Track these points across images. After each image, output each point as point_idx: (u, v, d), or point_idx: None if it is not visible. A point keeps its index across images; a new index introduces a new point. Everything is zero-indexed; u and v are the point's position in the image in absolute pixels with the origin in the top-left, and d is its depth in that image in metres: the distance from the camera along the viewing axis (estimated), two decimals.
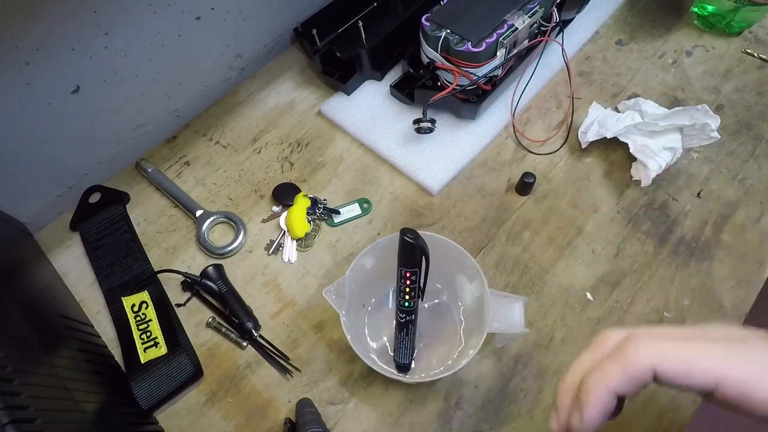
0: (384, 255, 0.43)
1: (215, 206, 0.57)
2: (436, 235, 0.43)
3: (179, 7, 0.53)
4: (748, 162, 0.55)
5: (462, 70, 0.53)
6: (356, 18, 0.61)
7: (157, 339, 0.47)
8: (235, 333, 0.49)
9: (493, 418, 0.44)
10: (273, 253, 0.53)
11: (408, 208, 0.55)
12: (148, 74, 0.55)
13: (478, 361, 0.46)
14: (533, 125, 0.60)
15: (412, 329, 0.41)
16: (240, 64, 0.65)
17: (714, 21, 0.64)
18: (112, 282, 0.52)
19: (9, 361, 0.32)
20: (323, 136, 0.61)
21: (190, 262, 0.53)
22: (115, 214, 0.55)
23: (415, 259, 0.38)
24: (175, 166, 0.60)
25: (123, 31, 0.50)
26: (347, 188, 0.57)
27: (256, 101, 0.64)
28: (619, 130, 0.54)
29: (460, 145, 0.58)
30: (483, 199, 0.55)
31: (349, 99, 0.62)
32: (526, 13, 0.53)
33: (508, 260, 0.51)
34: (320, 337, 0.49)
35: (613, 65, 0.64)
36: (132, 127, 0.58)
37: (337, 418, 0.45)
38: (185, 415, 0.46)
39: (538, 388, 0.45)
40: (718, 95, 0.60)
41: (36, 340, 0.37)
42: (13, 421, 0.28)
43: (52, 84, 0.48)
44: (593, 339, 0.28)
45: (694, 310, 0.48)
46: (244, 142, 0.61)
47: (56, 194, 0.56)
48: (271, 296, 0.51)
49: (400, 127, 0.59)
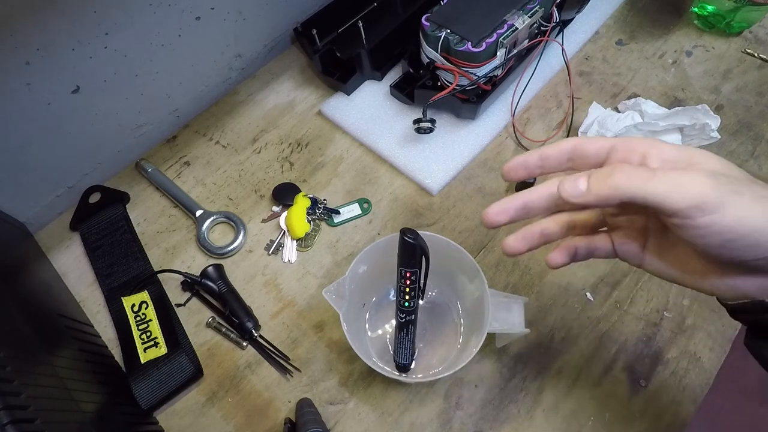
0: (384, 255, 0.43)
1: (215, 206, 0.57)
2: (436, 235, 0.43)
3: (179, 7, 0.53)
4: (748, 162, 0.55)
5: (462, 70, 0.53)
6: (356, 18, 0.61)
7: (157, 339, 0.47)
8: (235, 333, 0.49)
9: (493, 418, 0.44)
10: (273, 253, 0.53)
11: (408, 208, 0.55)
12: (148, 74, 0.55)
13: (478, 361, 0.46)
14: (533, 125, 0.60)
15: (412, 329, 0.41)
16: (240, 64, 0.65)
17: (714, 21, 0.64)
18: (112, 282, 0.52)
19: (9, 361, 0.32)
20: (323, 136, 0.61)
21: (190, 262, 0.53)
22: (115, 214, 0.55)
23: (415, 259, 0.38)
24: (175, 166, 0.60)
25: (123, 31, 0.50)
26: (347, 188, 0.57)
27: (256, 101, 0.64)
28: (619, 130, 0.54)
29: (460, 145, 0.58)
30: (483, 199, 0.55)
31: (349, 99, 0.62)
32: (526, 13, 0.53)
33: (508, 260, 0.51)
34: (320, 337, 0.49)
35: (613, 65, 0.64)
36: (132, 127, 0.58)
37: (337, 418, 0.45)
38: (185, 415, 0.46)
39: (538, 388, 0.45)
40: (718, 95, 0.60)
41: (36, 340, 0.37)
42: (13, 421, 0.28)
43: (52, 84, 0.48)
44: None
45: (695, 310, 0.48)
46: (244, 142, 0.61)
47: (56, 194, 0.56)
48: (271, 296, 0.51)
49: (400, 127, 0.59)
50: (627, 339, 0.47)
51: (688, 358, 0.45)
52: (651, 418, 0.43)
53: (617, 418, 0.43)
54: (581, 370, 0.46)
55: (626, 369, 0.45)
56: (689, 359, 0.45)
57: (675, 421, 0.43)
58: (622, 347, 0.46)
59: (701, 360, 0.45)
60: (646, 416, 0.43)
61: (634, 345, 0.46)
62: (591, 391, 0.45)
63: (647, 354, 0.46)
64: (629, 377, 0.45)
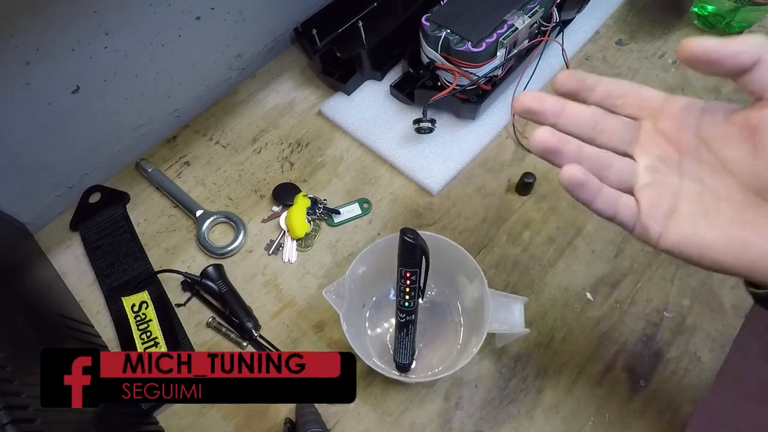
0: (384, 255, 0.43)
1: (215, 206, 0.57)
2: (436, 235, 0.43)
3: (179, 7, 0.53)
4: None
5: (462, 70, 0.53)
6: (356, 18, 0.61)
7: (157, 339, 0.47)
8: (235, 333, 0.49)
9: (493, 418, 0.44)
10: (273, 253, 0.53)
11: (408, 208, 0.55)
12: (148, 74, 0.55)
13: (478, 361, 0.46)
14: (533, 125, 0.59)
15: (412, 329, 0.41)
16: (240, 64, 0.65)
17: (714, 21, 0.64)
18: (112, 282, 0.52)
19: (9, 361, 0.32)
20: (323, 136, 0.61)
21: (190, 262, 0.53)
22: (115, 214, 0.55)
23: (415, 259, 0.38)
24: (175, 166, 0.60)
25: (123, 31, 0.50)
26: (347, 188, 0.57)
27: (256, 101, 0.64)
28: None
29: (460, 145, 0.58)
30: (483, 199, 0.55)
31: (349, 99, 0.62)
32: (526, 13, 0.53)
33: (508, 260, 0.51)
34: (320, 337, 0.49)
35: (613, 65, 0.64)
36: (132, 127, 0.58)
37: (337, 418, 0.45)
38: (185, 415, 0.46)
39: (538, 388, 0.45)
40: (718, 95, 0.60)
41: (36, 340, 0.37)
42: (13, 421, 0.28)
43: (52, 84, 0.48)
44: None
45: (695, 310, 0.48)
46: (244, 142, 0.61)
47: (56, 194, 0.56)
48: (271, 296, 0.51)
49: (400, 127, 0.59)
50: (627, 339, 0.47)
51: (688, 358, 0.45)
52: (651, 418, 0.43)
53: (617, 418, 0.43)
54: (581, 370, 0.46)
55: (626, 369, 0.45)
56: (689, 359, 0.45)
57: (675, 421, 0.43)
58: (622, 347, 0.46)
59: (701, 360, 0.45)
60: (646, 416, 0.43)
61: (634, 345, 0.46)
62: (591, 391, 0.45)
63: (647, 354, 0.46)
64: (629, 377, 0.45)
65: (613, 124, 0.30)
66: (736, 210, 0.27)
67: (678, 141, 0.29)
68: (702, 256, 0.27)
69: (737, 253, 0.27)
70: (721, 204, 0.27)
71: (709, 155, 0.28)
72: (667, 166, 0.29)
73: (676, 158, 0.29)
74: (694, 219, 0.28)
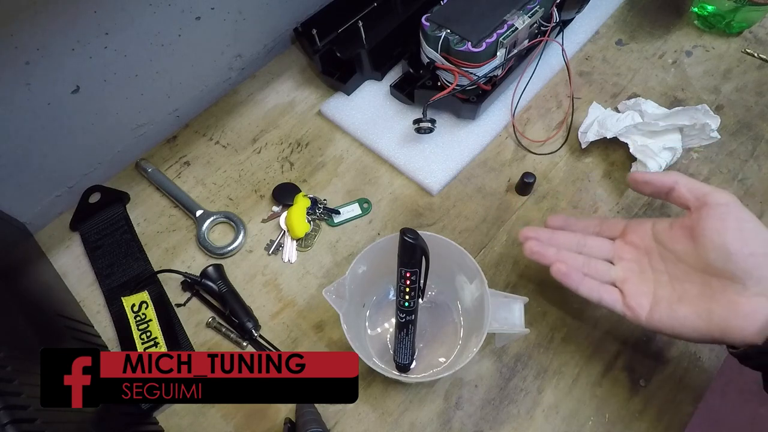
0: (384, 255, 0.43)
1: (215, 206, 0.57)
2: (436, 235, 0.43)
3: (179, 7, 0.53)
4: (748, 162, 0.56)
5: (462, 70, 0.53)
6: (356, 18, 0.61)
7: (157, 339, 0.47)
8: (235, 333, 0.49)
9: (493, 418, 0.44)
10: (273, 253, 0.53)
11: (408, 208, 0.55)
12: (148, 74, 0.55)
13: (478, 361, 0.46)
14: (533, 125, 0.60)
15: (412, 329, 0.41)
16: (240, 64, 0.65)
17: (714, 21, 0.64)
18: (112, 282, 0.52)
19: (9, 361, 0.32)
20: (323, 136, 0.61)
21: (190, 262, 0.53)
22: (115, 214, 0.55)
23: (415, 259, 0.38)
24: (175, 166, 0.60)
25: (123, 31, 0.50)
26: (347, 188, 0.57)
27: (256, 101, 0.64)
28: (619, 130, 0.54)
29: (460, 145, 0.58)
30: (483, 199, 0.55)
31: (349, 99, 0.62)
32: (526, 13, 0.53)
33: (508, 260, 0.51)
34: (320, 337, 0.49)
35: (613, 65, 0.64)
36: (132, 127, 0.58)
37: (337, 418, 0.45)
38: (185, 415, 0.46)
39: (538, 388, 0.45)
40: (718, 95, 0.60)
41: (36, 340, 0.37)
42: (13, 421, 0.28)
43: (52, 84, 0.48)
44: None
45: None
46: (244, 142, 0.61)
47: (56, 194, 0.56)
48: (271, 296, 0.51)
49: (400, 127, 0.59)
50: (627, 339, 0.47)
51: (688, 358, 0.45)
52: (651, 418, 0.43)
53: (617, 418, 0.43)
54: (581, 370, 0.46)
55: (626, 369, 0.45)
56: (689, 359, 0.45)
57: (675, 421, 0.43)
58: (622, 347, 0.46)
59: (701, 360, 0.45)
60: (646, 416, 0.43)
61: (634, 345, 0.46)
62: (591, 391, 0.45)
63: (647, 354, 0.46)
64: (629, 377, 0.45)
65: (593, 242, 0.42)
66: (698, 288, 0.36)
67: (644, 247, 0.40)
68: (683, 327, 0.36)
69: (705, 322, 0.35)
70: (686, 285, 0.37)
71: (666, 252, 0.39)
72: (640, 265, 0.40)
73: (646, 258, 0.40)
74: (669, 300, 0.37)
